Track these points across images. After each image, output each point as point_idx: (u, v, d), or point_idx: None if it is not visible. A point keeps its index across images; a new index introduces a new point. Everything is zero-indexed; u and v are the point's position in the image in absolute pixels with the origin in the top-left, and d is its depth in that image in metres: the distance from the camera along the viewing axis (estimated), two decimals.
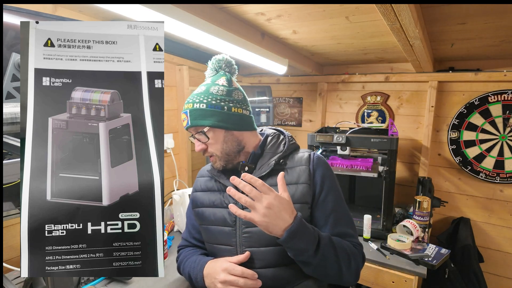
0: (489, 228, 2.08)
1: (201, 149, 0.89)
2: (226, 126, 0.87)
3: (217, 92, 0.88)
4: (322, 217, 0.88)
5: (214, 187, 0.96)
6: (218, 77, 0.91)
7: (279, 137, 0.97)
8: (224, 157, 0.89)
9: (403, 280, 1.44)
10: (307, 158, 0.92)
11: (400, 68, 2.22)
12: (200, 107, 0.86)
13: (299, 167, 0.90)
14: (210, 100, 0.86)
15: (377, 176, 1.68)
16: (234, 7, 1.21)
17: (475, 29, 1.34)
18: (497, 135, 1.96)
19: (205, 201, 0.96)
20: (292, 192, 0.86)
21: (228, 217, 0.89)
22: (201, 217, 0.96)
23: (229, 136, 0.89)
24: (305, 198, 0.87)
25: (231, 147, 0.89)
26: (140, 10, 0.89)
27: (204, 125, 0.86)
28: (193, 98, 0.88)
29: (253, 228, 0.85)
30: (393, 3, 0.84)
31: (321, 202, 0.88)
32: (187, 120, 0.88)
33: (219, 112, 0.86)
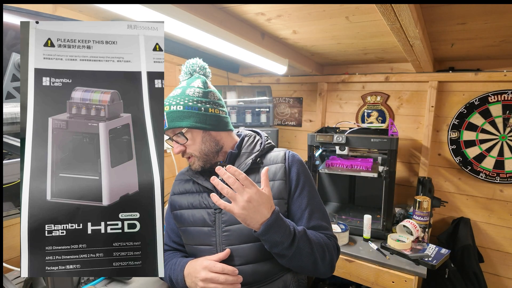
0: (489, 228, 2.08)
1: (180, 150, 0.90)
2: (203, 127, 0.89)
3: (193, 94, 0.89)
4: (298, 211, 0.91)
5: (192, 189, 0.97)
6: (193, 79, 0.93)
7: (255, 138, 1.00)
8: (202, 157, 0.91)
9: (403, 280, 1.44)
10: (282, 156, 0.95)
11: (400, 68, 2.22)
12: (177, 109, 0.87)
13: (275, 165, 0.93)
14: (186, 102, 0.88)
15: (377, 176, 1.68)
16: (234, 7, 1.21)
17: (475, 29, 1.34)
18: (497, 135, 1.96)
19: (184, 203, 0.97)
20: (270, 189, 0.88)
21: (207, 217, 0.91)
22: (179, 219, 0.97)
23: (207, 136, 0.91)
24: (282, 194, 0.90)
25: (209, 147, 0.91)
26: (140, 10, 0.89)
27: (182, 127, 0.87)
28: (169, 100, 0.89)
29: (232, 226, 0.87)
30: (393, 3, 0.84)
31: (297, 197, 0.92)
32: (165, 123, 0.88)
33: (196, 113, 0.88)
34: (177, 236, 1.03)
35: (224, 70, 2.42)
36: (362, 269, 1.53)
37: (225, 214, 0.89)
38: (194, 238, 0.93)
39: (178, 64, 1.99)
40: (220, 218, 0.90)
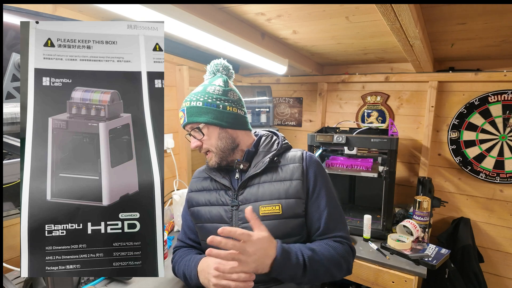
0: (489, 228, 2.07)
1: (197, 146, 0.92)
2: (220, 124, 0.91)
3: (213, 91, 0.92)
4: (316, 213, 0.93)
5: (209, 186, 0.99)
6: (215, 78, 0.96)
7: (273, 137, 1.02)
8: (219, 153, 0.93)
9: (403, 280, 1.44)
10: (300, 156, 0.96)
11: (400, 68, 2.21)
12: (196, 105, 0.90)
13: (293, 165, 0.94)
14: (206, 99, 0.91)
15: (377, 176, 1.68)
16: (234, 7, 1.21)
17: (475, 29, 1.34)
18: (497, 135, 1.96)
19: (201, 200, 0.98)
20: (286, 187, 0.91)
21: (224, 214, 0.93)
22: (196, 216, 0.98)
23: (223, 133, 0.92)
24: (299, 194, 0.91)
25: (225, 144, 0.92)
26: (140, 10, 0.89)
27: (199, 122, 0.90)
28: (191, 97, 0.93)
29: (250, 223, 0.87)
30: (393, 3, 0.84)
31: (315, 198, 0.93)
32: (184, 117, 0.92)
33: (214, 110, 0.90)
34: (193, 233, 1.05)
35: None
36: (362, 269, 1.53)
37: (242, 211, 0.90)
38: (211, 234, 0.93)
39: (178, 64, 1.99)
40: (237, 215, 0.91)
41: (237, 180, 0.95)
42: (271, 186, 0.91)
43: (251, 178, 0.93)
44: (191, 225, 1.04)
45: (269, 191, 0.90)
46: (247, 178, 0.93)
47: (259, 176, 0.93)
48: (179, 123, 2.35)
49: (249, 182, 0.93)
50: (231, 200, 0.93)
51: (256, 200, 0.90)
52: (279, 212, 0.88)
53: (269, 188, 0.91)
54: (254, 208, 0.86)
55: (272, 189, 0.91)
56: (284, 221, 0.89)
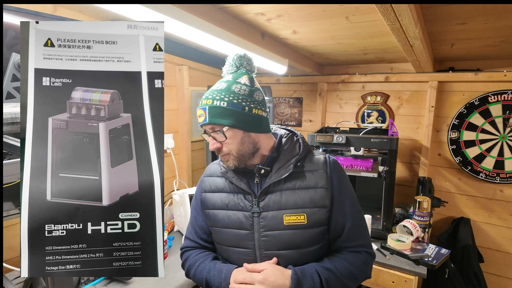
0: (489, 228, 2.07)
1: (216, 148, 0.86)
2: (244, 128, 0.85)
3: (239, 91, 0.84)
4: (340, 221, 0.89)
5: (226, 188, 0.93)
6: (240, 75, 0.87)
7: (293, 138, 0.95)
8: (238, 157, 0.87)
9: (403, 280, 1.44)
10: (323, 162, 0.91)
11: (400, 68, 2.21)
12: (220, 105, 0.82)
13: (317, 171, 0.89)
14: (231, 99, 0.83)
15: (377, 176, 1.68)
16: (234, 7, 1.21)
17: (475, 29, 1.34)
18: (497, 135, 1.96)
19: (217, 203, 0.93)
20: (311, 196, 0.86)
21: (244, 220, 0.88)
22: (213, 219, 0.93)
23: (246, 137, 0.86)
24: (324, 202, 0.87)
25: (247, 148, 0.87)
26: (140, 10, 0.89)
27: (223, 125, 0.83)
28: (213, 94, 0.84)
29: (272, 231, 0.86)
30: (393, 3, 0.84)
31: (340, 207, 0.89)
32: (205, 116, 0.84)
33: (239, 112, 0.83)
34: (205, 233, 1.00)
35: None
36: None
37: (264, 219, 0.87)
38: (230, 240, 0.91)
39: (178, 64, 1.99)
40: (259, 222, 0.87)
41: (257, 184, 0.90)
42: (295, 194, 0.87)
43: (273, 184, 0.88)
44: (204, 226, 0.99)
45: (293, 199, 0.86)
46: (270, 184, 0.88)
47: (281, 182, 0.88)
48: (179, 123, 2.34)
49: (271, 188, 0.88)
50: (251, 206, 0.88)
51: (279, 208, 0.86)
52: (304, 222, 0.85)
53: (293, 196, 0.86)
54: (277, 217, 0.85)
55: (296, 197, 0.86)
56: (308, 230, 0.86)
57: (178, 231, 1.72)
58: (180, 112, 2.06)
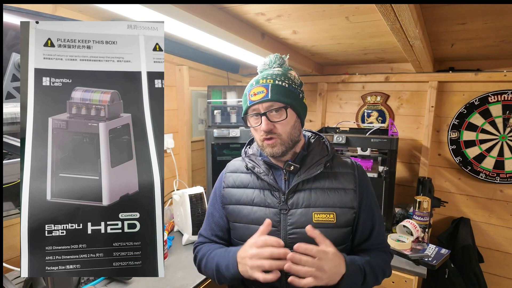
0: (489, 228, 2.07)
1: (269, 128, 0.84)
2: (298, 113, 0.88)
3: (294, 78, 0.89)
4: (367, 224, 0.91)
5: (252, 183, 0.93)
6: (288, 69, 0.91)
7: (320, 140, 0.97)
8: (287, 143, 0.86)
9: (403, 280, 1.44)
10: (351, 164, 0.93)
11: (400, 68, 2.21)
12: (283, 85, 0.85)
13: (346, 173, 0.91)
14: (291, 83, 0.86)
15: (377, 176, 1.68)
16: (234, 7, 1.21)
17: (475, 29, 1.34)
18: (497, 135, 1.96)
19: (242, 198, 0.92)
20: (341, 196, 0.88)
21: (271, 216, 0.87)
22: (236, 214, 0.93)
23: (297, 123, 0.89)
24: (353, 203, 0.88)
25: (295, 135, 0.88)
26: (140, 10, 0.89)
27: (287, 103, 0.84)
28: (272, 76, 0.86)
29: (300, 229, 0.85)
30: (393, 3, 0.84)
31: (367, 209, 0.91)
32: (267, 93, 0.83)
33: (297, 96, 0.87)
34: (221, 230, 0.98)
35: (224, 70, 2.42)
36: None
37: (292, 216, 0.86)
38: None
39: (178, 64, 1.99)
40: (286, 219, 0.87)
41: (285, 181, 0.90)
42: (324, 193, 0.88)
43: (302, 182, 0.89)
44: (220, 222, 0.98)
45: (323, 198, 0.87)
46: (300, 182, 0.88)
47: (311, 181, 0.89)
48: (179, 123, 2.33)
49: (300, 186, 0.89)
50: (279, 202, 0.88)
51: (308, 206, 0.87)
52: (333, 221, 0.86)
53: (323, 195, 0.88)
54: (306, 214, 0.86)
55: (325, 196, 0.88)
56: (336, 230, 0.87)
57: (178, 231, 1.72)
58: (180, 112, 2.06)
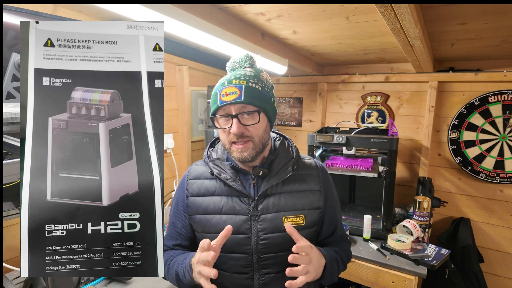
0: (489, 228, 2.07)
1: (241, 131, 0.80)
2: (270, 117, 0.86)
3: (266, 81, 0.85)
4: (331, 222, 0.96)
5: (218, 190, 0.89)
6: (260, 71, 0.87)
7: (284, 142, 0.96)
8: (258, 146, 0.83)
9: (403, 280, 1.44)
10: (314, 165, 0.95)
11: (400, 68, 2.22)
12: (256, 88, 0.81)
13: (311, 174, 0.93)
14: (263, 86, 0.83)
15: (377, 176, 1.68)
16: (234, 7, 1.21)
17: (475, 29, 1.34)
18: (497, 135, 1.96)
19: (210, 207, 0.88)
20: (308, 198, 0.90)
21: (241, 224, 0.85)
22: (204, 225, 0.88)
23: (268, 128, 0.87)
24: (319, 204, 0.91)
25: (266, 139, 0.86)
26: (140, 10, 0.89)
27: (260, 107, 0.81)
28: (245, 77, 0.81)
29: (272, 234, 0.85)
30: (393, 3, 0.84)
31: (331, 208, 0.95)
32: (239, 95, 0.78)
33: (269, 100, 0.84)
34: (185, 240, 0.95)
35: (224, 70, 2.41)
36: (362, 269, 1.53)
37: (263, 222, 0.85)
38: (225, 245, 0.82)
39: (178, 64, 1.98)
40: (257, 225, 0.85)
41: (253, 187, 0.88)
42: (293, 196, 0.88)
43: (271, 187, 0.87)
44: (184, 232, 0.94)
45: (292, 201, 0.87)
46: (269, 187, 0.87)
47: (279, 185, 0.88)
48: (180, 123, 2.33)
49: (269, 191, 0.87)
50: (249, 209, 0.85)
51: (278, 211, 0.86)
52: (302, 223, 0.87)
53: (291, 199, 0.88)
54: (277, 219, 0.85)
55: (294, 200, 0.88)
56: (305, 231, 0.87)
57: None
58: (180, 112, 2.06)
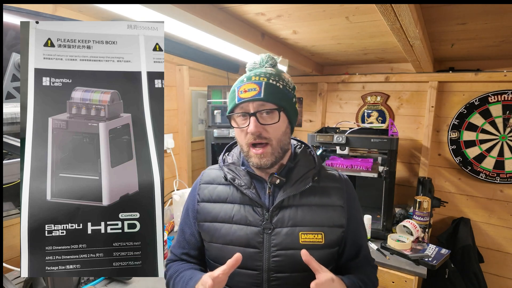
0: (489, 228, 2.07)
1: (258, 131, 0.73)
2: (290, 118, 0.79)
3: (288, 80, 0.79)
4: (356, 243, 0.85)
5: (231, 197, 0.82)
6: (282, 71, 0.82)
7: (306, 150, 0.87)
8: (277, 150, 0.76)
9: (403, 280, 1.44)
10: (338, 177, 0.85)
11: (400, 68, 2.22)
12: (278, 86, 0.75)
13: (333, 187, 0.83)
14: (285, 85, 0.77)
15: (377, 176, 1.68)
16: (234, 7, 1.21)
17: (475, 29, 1.34)
18: (497, 135, 1.96)
19: (219, 215, 0.81)
20: (329, 214, 0.80)
21: (252, 236, 0.77)
22: (213, 234, 0.81)
23: (288, 130, 0.79)
24: (341, 222, 0.80)
25: (285, 143, 0.78)
26: (140, 10, 0.89)
27: (280, 105, 0.74)
28: (266, 74, 0.76)
29: (286, 251, 0.76)
30: (393, 3, 0.84)
31: (356, 227, 0.84)
32: (259, 91, 0.73)
33: (290, 100, 0.77)
34: (193, 249, 0.88)
35: (224, 70, 2.42)
36: None
37: (277, 236, 0.77)
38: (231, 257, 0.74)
39: (178, 64, 1.98)
40: (270, 240, 0.77)
41: (269, 196, 0.80)
42: (312, 210, 0.79)
43: (288, 198, 0.79)
44: (192, 240, 0.87)
45: (310, 216, 0.78)
46: (286, 197, 0.78)
47: (297, 196, 0.79)
48: (179, 123, 2.33)
49: (286, 202, 0.79)
50: (262, 220, 0.78)
51: (294, 225, 0.77)
52: (321, 242, 0.77)
53: (310, 213, 0.79)
54: (292, 234, 0.77)
55: (313, 214, 0.79)
56: (324, 251, 0.78)
57: None
58: (180, 112, 2.06)
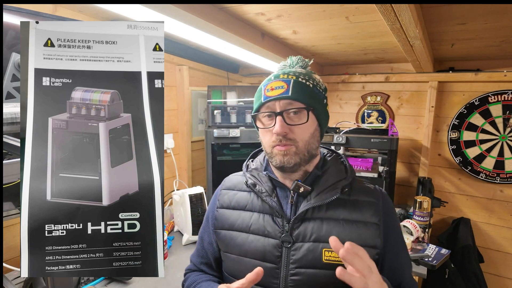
0: (489, 228, 2.07)
1: (284, 132, 0.67)
2: (320, 120, 0.73)
3: (319, 81, 0.74)
4: (398, 272, 0.73)
5: (250, 205, 0.76)
6: (313, 72, 0.77)
7: (337, 159, 0.79)
8: (302, 153, 0.69)
9: None
10: (374, 192, 0.74)
11: (400, 68, 2.22)
12: (307, 84, 0.70)
13: (366, 202, 0.72)
14: (315, 84, 0.72)
15: (377, 176, 1.68)
16: (234, 7, 1.21)
17: (475, 29, 1.34)
18: (497, 135, 1.96)
19: (237, 223, 0.76)
20: (360, 232, 0.69)
21: (270, 249, 0.70)
22: (228, 243, 0.76)
23: (317, 133, 0.73)
24: (375, 242, 0.69)
25: (313, 146, 0.71)
26: (140, 10, 0.89)
27: (309, 105, 0.69)
28: (295, 72, 0.71)
29: (306, 269, 0.68)
30: (393, 3, 0.84)
31: (395, 250, 0.72)
32: (287, 89, 0.68)
33: (321, 100, 0.72)
34: (213, 259, 0.83)
35: (224, 70, 2.42)
36: None
37: (297, 251, 0.69)
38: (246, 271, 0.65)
39: (178, 64, 1.98)
40: (289, 255, 0.69)
41: (291, 205, 0.72)
42: (339, 225, 0.70)
43: (312, 209, 0.71)
44: (210, 249, 0.82)
45: (337, 231, 0.69)
46: (310, 208, 0.70)
47: (323, 208, 0.71)
48: (179, 123, 2.32)
49: (309, 214, 0.71)
50: (282, 232, 0.70)
51: (317, 240, 0.69)
52: None
53: (337, 228, 0.69)
54: (315, 251, 0.68)
55: (340, 229, 0.69)
56: None
57: (178, 231, 1.72)
58: (180, 112, 2.06)
